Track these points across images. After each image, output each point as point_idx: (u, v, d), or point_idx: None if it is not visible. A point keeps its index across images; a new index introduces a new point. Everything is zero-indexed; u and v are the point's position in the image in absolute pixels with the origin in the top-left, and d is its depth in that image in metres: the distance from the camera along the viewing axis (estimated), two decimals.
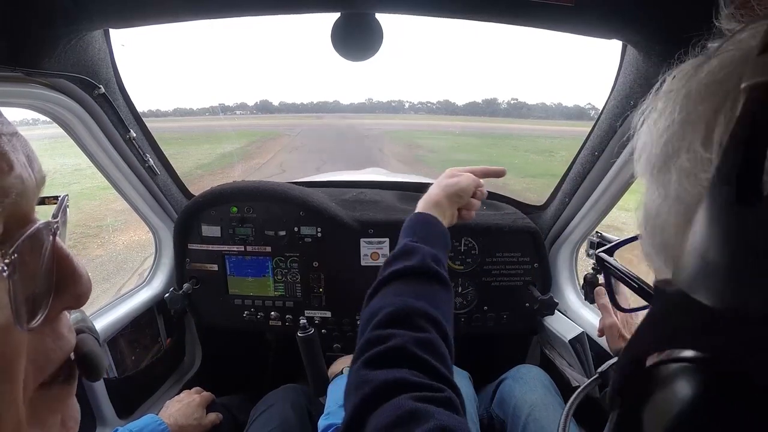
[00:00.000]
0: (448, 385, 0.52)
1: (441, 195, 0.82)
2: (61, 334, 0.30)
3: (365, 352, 0.56)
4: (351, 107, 47.63)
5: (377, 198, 1.40)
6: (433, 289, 0.65)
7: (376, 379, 0.51)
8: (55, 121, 1.01)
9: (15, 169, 0.26)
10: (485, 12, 0.87)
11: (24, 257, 0.26)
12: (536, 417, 0.99)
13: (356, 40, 0.87)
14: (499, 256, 1.34)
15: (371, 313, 0.61)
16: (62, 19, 0.81)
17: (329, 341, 1.40)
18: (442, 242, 0.75)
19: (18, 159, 0.27)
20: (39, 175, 0.29)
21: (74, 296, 0.30)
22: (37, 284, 0.27)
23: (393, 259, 0.70)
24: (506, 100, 39.84)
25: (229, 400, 1.28)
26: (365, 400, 0.49)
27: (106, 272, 4.31)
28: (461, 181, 0.84)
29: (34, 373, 0.28)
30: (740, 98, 0.20)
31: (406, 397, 0.47)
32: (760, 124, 0.18)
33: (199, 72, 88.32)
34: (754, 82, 0.19)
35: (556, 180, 1.38)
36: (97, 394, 1.10)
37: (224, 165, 10.90)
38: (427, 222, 0.78)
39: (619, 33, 0.87)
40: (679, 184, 0.25)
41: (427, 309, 0.60)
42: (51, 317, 0.29)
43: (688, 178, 0.24)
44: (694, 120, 0.24)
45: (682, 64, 0.27)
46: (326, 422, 0.85)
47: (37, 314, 0.27)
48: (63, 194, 0.33)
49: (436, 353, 0.55)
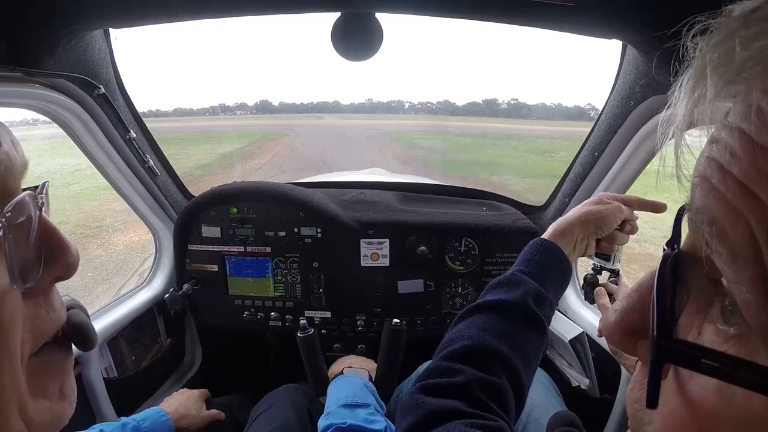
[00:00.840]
0: (503, 419, 0.51)
1: (575, 222, 0.72)
2: (53, 306, 0.33)
3: (428, 378, 0.55)
4: (351, 107, 47.70)
5: (377, 198, 1.40)
6: (523, 332, 0.60)
7: (432, 404, 0.51)
8: (54, 121, 1.01)
9: (2, 145, 0.29)
10: (485, 12, 0.87)
11: (14, 222, 0.28)
12: (536, 417, 0.99)
13: (356, 39, 0.87)
14: (499, 256, 1.34)
15: (449, 340, 0.59)
16: (62, 19, 0.81)
17: (329, 341, 1.40)
18: (557, 278, 0.69)
19: (4, 139, 0.29)
20: (23, 159, 0.31)
21: (64, 266, 0.32)
22: (28, 251, 0.29)
23: (494, 286, 0.65)
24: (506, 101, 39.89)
25: (229, 400, 1.28)
26: (419, 422, 0.49)
27: (106, 272, 4.31)
28: (604, 211, 0.73)
29: (31, 342, 0.30)
30: None
31: (458, 423, 0.47)
32: None
33: (199, 72, 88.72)
34: None
35: (556, 180, 1.38)
36: (98, 394, 1.09)
37: (224, 165, 10.90)
38: (548, 252, 0.69)
39: (619, 33, 0.87)
40: None
41: (507, 353, 0.56)
42: (43, 287, 0.31)
43: None
44: None
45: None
46: (326, 422, 0.84)
47: (29, 279, 0.29)
48: (44, 181, 0.35)
49: (500, 400, 0.53)
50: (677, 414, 0.22)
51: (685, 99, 0.22)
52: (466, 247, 1.34)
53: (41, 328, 0.31)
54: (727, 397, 0.20)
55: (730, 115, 0.20)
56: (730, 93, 0.20)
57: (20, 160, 0.30)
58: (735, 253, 0.19)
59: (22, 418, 0.29)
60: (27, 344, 0.30)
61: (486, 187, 1.75)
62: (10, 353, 0.27)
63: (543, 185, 8.35)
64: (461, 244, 1.33)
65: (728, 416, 0.20)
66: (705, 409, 0.21)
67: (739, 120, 0.20)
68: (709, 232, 0.20)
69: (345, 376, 1.06)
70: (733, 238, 0.19)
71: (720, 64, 0.20)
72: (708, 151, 0.22)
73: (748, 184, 0.19)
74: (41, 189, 0.33)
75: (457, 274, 1.35)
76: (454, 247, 1.33)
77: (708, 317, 0.23)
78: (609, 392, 1.10)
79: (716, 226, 0.20)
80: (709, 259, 0.21)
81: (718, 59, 0.20)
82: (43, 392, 0.32)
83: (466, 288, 1.36)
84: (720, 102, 0.21)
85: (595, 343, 1.18)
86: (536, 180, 9.82)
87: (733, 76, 0.20)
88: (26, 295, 0.29)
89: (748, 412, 0.19)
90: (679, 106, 0.23)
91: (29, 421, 0.29)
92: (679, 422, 0.22)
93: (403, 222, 1.31)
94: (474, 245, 1.33)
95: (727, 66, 0.20)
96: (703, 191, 0.21)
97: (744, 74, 0.19)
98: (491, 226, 1.32)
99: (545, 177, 9.34)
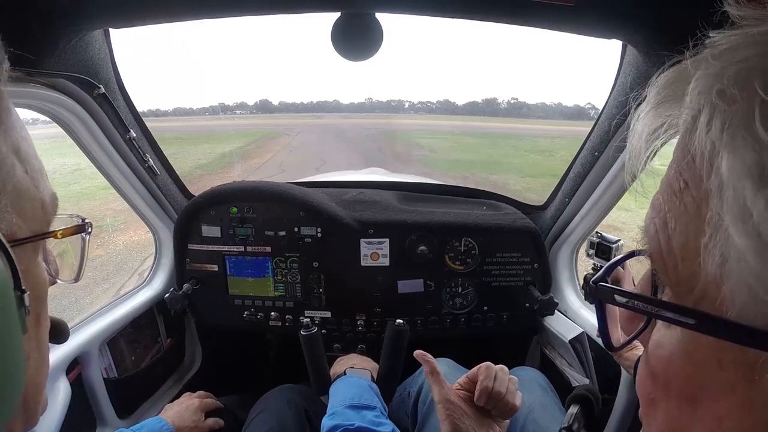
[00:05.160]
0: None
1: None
2: None
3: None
4: (351, 107, 47.73)
5: (377, 198, 1.40)
6: None
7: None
8: (54, 121, 1.00)
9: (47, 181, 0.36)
10: (485, 12, 0.87)
11: None
12: (534, 418, 0.99)
13: (356, 40, 0.87)
14: (499, 256, 1.34)
15: None
16: (62, 19, 0.81)
17: (329, 341, 1.39)
18: None
19: None
20: None
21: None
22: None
23: None
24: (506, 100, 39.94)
25: (228, 399, 1.28)
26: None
27: (106, 272, 4.31)
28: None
29: None
30: None
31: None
32: None
33: (199, 72, 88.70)
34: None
35: (556, 180, 1.38)
36: (97, 394, 1.10)
37: (224, 165, 10.89)
38: None
39: (619, 33, 0.87)
40: None
41: None
42: None
43: None
44: None
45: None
46: (332, 422, 0.84)
47: None
48: None
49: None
50: (641, 369, 0.30)
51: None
52: (466, 246, 1.34)
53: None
54: (654, 342, 0.28)
55: None
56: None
57: None
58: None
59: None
60: None
61: (486, 187, 1.75)
62: (44, 335, 0.35)
63: (543, 185, 8.36)
64: (461, 243, 1.33)
65: (659, 357, 0.27)
66: (652, 358, 0.28)
67: None
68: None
69: (349, 376, 1.06)
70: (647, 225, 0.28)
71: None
72: None
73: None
74: None
75: (457, 274, 1.35)
76: (454, 246, 1.33)
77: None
78: (609, 392, 1.10)
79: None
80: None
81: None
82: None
83: (466, 288, 1.36)
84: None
85: (595, 343, 1.18)
86: (536, 179, 9.82)
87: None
88: None
89: (666, 347, 0.27)
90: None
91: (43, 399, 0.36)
92: (642, 373, 0.30)
93: (403, 222, 1.31)
94: (474, 245, 1.33)
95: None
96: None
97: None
98: (491, 226, 1.32)
99: (545, 176, 9.34)
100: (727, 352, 0.22)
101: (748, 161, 0.21)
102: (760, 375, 0.21)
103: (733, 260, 0.21)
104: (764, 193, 0.20)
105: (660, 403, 0.28)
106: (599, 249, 1.22)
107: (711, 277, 0.23)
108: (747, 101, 0.21)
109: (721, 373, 0.23)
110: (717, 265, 0.22)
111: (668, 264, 0.26)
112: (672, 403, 0.27)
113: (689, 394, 0.26)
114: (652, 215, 0.28)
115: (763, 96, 0.21)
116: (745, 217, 0.20)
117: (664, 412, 0.28)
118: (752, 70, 0.22)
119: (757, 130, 0.20)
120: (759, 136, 0.20)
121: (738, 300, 0.21)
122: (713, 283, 0.23)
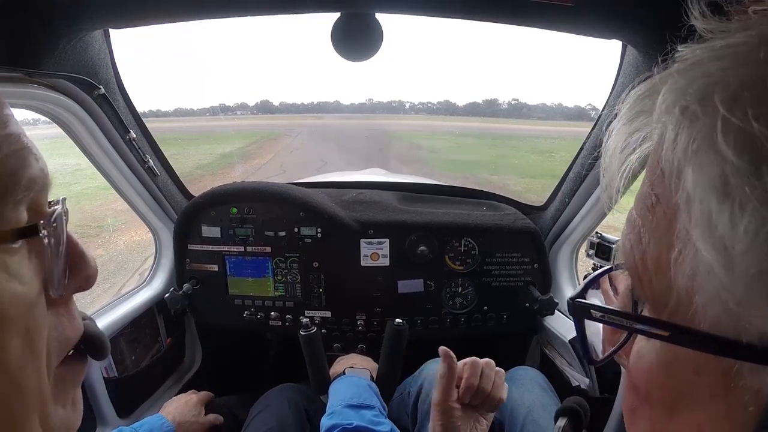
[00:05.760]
0: None
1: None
2: (74, 315, 0.34)
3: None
4: (351, 107, 47.82)
5: (377, 198, 1.40)
6: None
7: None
8: (54, 121, 1.01)
9: (39, 162, 0.29)
10: (485, 12, 0.87)
11: (54, 234, 0.30)
12: (534, 418, 0.99)
13: (356, 40, 0.87)
14: (499, 256, 1.34)
15: None
16: (62, 19, 0.81)
17: (329, 341, 1.39)
18: None
19: (39, 156, 0.30)
20: (49, 176, 0.32)
21: (84, 278, 0.34)
22: (59, 262, 0.31)
23: None
24: (507, 101, 39.94)
25: (228, 399, 1.28)
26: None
27: (106, 272, 4.31)
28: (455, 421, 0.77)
29: (57, 350, 0.31)
30: None
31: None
32: None
33: (200, 72, 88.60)
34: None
35: (556, 180, 1.38)
36: (98, 393, 1.10)
37: (224, 165, 10.90)
38: None
39: (619, 33, 0.87)
40: None
41: None
42: (66, 297, 0.33)
43: None
44: None
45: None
46: (331, 422, 0.84)
47: (60, 288, 0.31)
48: (62, 197, 0.36)
49: None
50: (623, 381, 0.32)
51: None
52: (466, 246, 1.34)
53: (66, 337, 0.32)
54: (635, 354, 0.29)
55: None
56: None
57: (50, 176, 0.32)
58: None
59: (42, 425, 0.29)
60: (55, 352, 0.31)
61: (486, 187, 1.75)
62: (36, 360, 0.28)
63: (543, 185, 8.35)
64: (461, 243, 1.33)
65: (640, 369, 0.28)
66: (633, 370, 0.29)
67: None
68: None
69: (348, 376, 1.06)
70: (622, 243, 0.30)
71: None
72: None
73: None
74: (62, 204, 0.34)
75: (457, 274, 1.35)
76: (454, 246, 1.33)
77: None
78: (609, 392, 1.10)
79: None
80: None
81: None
82: (62, 401, 0.32)
83: (466, 288, 1.36)
84: None
85: None
86: (536, 180, 9.82)
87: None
88: (50, 305, 0.30)
89: (646, 359, 0.27)
90: None
91: (48, 429, 0.30)
92: (624, 385, 0.32)
93: (403, 222, 1.31)
94: (474, 245, 1.33)
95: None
96: None
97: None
98: (491, 226, 1.32)
99: (545, 177, 9.33)
100: (703, 362, 0.23)
101: (711, 175, 0.21)
102: (735, 383, 0.21)
103: (702, 273, 0.21)
104: (727, 206, 0.20)
105: (642, 414, 0.29)
106: (599, 249, 1.22)
107: (683, 290, 0.23)
108: (709, 116, 0.22)
109: (699, 383, 0.24)
110: (688, 278, 0.22)
111: (644, 279, 0.27)
112: (653, 413, 0.28)
113: (669, 403, 0.26)
114: (627, 231, 0.29)
115: (723, 112, 0.21)
116: (711, 231, 0.21)
117: (646, 421, 0.29)
118: (714, 85, 0.22)
119: (719, 144, 0.21)
120: (721, 151, 0.20)
121: (710, 312, 0.22)
122: (685, 296, 0.23)
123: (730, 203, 0.20)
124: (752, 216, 0.19)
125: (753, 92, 0.21)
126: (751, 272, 0.19)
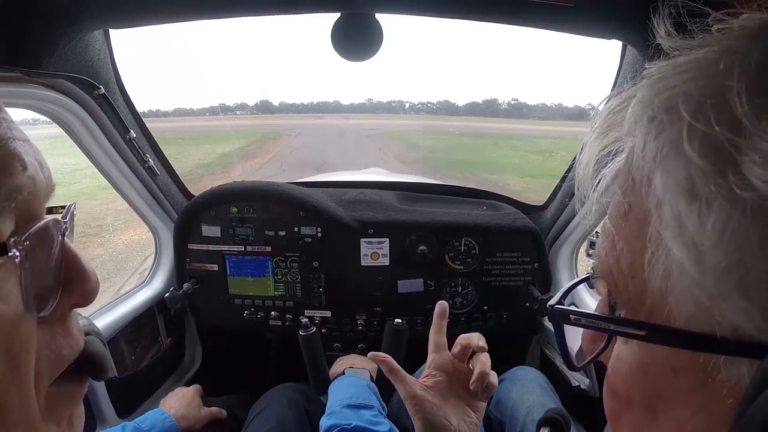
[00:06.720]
0: None
1: None
2: (71, 333, 0.32)
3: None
4: (351, 107, 47.84)
5: (377, 198, 1.40)
6: None
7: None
8: (54, 121, 1.01)
9: (28, 169, 0.28)
10: (485, 12, 0.87)
11: (34, 249, 0.27)
12: (534, 418, 0.99)
13: (356, 40, 0.87)
14: (499, 256, 1.34)
15: None
16: (62, 19, 0.81)
17: (329, 341, 1.40)
18: None
19: (30, 161, 0.28)
20: (49, 181, 0.30)
21: (82, 294, 0.32)
22: (46, 278, 0.29)
23: None
24: (506, 101, 39.97)
25: (228, 399, 1.28)
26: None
27: (106, 271, 4.31)
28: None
29: (49, 369, 0.29)
30: None
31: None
32: None
33: (199, 72, 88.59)
34: None
35: (555, 180, 1.38)
36: (97, 393, 1.10)
37: (224, 165, 10.91)
38: None
39: (618, 33, 0.87)
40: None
41: None
42: (60, 313, 0.31)
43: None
44: None
45: None
46: (330, 422, 0.84)
47: (46, 306, 0.29)
48: (71, 203, 0.34)
49: None
50: (604, 386, 0.32)
51: None
52: (466, 246, 1.34)
53: (60, 355, 0.31)
54: (614, 358, 0.30)
55: None
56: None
57: (45, 183, 0.29)
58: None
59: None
60: (45, 371, 0.29)
61: (486, 187, 1.75)
62: (20, 380, 0.27)
63: (543, 185, 8.35)
64: (461, 243, 1.33)
65: (618, 372, 0.29)
66: (612, 374, 0.30)
67: None
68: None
69: (347, 376, 1.06)
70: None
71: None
72: None
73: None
74: (66, 213, 0.32)
75: (457, 274, 1.35)
76: (454, 246, 1.34)
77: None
78: None
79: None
80: None
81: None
82: (56, 420, 0.31)
83: (466, 287, 1.36)
84: None
85: None
86: (536, 180, 9.82)
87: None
88: (42, 322, 0.29)
89: (624, 362, 0.28)
90: None
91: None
92: (605, 390, 0.32)
93: (403, 221, 1.31)
94: (474, 245, 1.33)
95: None
96: None
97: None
98: (491, 226, 1.32)
99: (545, 177, 9.34)
100: (680, 359, 0.24)
101: (679, 178, 0.22)
102: (712, 377, 0.22)
103: (675, 273, 0.23)
104: (696, 206, 0.21)
105: (624, 417, 0.30)
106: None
107: (657, 290, 0.24)
108: (675, 124, 0.23)
109: (677, 381, 0.24)
110: (661, 278, 0.24)
111: (619, 284, 0.28)
112: (635, 415, 0.28)
113: (650, 404, 0.27)
114: (601, 240, 0.30)
115: (688, 119, 0.22)
116: (682, 231, 0.22)
117: (628, 424, 0.30)
118: (679, 95, 0.24)
119: (685, 149, 0.22)
120: (687, 155, 0.22)
121: (684, 309, 0.23)
122: (660, 296, 0.24)
123: (698, 203, 0.21)
124: (719, 213, 0.20)
125: (714, 100, 0.22)
126: (721, 266, 0.20)
